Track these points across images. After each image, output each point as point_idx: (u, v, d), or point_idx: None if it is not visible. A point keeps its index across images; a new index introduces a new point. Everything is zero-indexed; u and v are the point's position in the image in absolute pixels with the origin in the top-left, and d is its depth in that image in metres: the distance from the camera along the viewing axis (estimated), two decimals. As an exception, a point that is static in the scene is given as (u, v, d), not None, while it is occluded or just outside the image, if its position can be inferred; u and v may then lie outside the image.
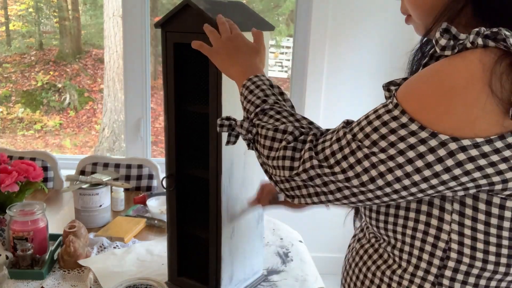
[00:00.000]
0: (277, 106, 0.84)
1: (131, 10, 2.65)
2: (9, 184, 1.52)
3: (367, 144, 0.66)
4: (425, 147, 0.61)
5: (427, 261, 0.72)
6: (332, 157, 0.69)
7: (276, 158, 0.76)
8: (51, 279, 1.37)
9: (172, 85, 1.20)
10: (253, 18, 1.23)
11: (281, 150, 0.76)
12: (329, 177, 0.70)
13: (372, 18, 2.68)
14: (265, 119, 0.82)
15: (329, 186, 0.71)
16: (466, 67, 0.60)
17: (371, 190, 0.68)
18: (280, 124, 0.80)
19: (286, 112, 0.83)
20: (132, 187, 2.14)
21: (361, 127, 0.68)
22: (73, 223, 1.51)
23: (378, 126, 0.65)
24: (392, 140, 0.63)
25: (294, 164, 0.74)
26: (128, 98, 2.79)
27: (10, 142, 4.31)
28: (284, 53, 3.58)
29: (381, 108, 0.67)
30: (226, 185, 1.19)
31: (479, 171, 0.60)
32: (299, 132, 0.77)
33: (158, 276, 1.39)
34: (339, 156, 0.69)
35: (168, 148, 1.25)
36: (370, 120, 0.67)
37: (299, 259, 1.55)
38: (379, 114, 0.66)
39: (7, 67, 4.37)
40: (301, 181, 0.74)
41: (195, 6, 1.09)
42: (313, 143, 0.74)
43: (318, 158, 0.71)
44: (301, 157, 0.73)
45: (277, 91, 0.89)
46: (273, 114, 0.82)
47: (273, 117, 0.82)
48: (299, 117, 0.82)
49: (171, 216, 1.29)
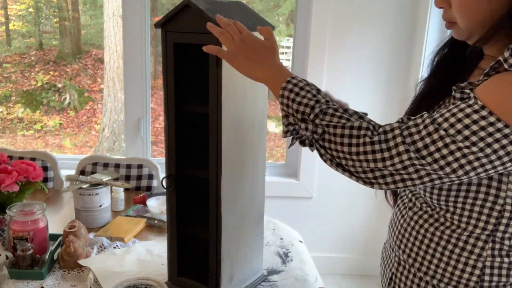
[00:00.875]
0: (331, 105, 0.93)
1: (131, 10, 2.65)
2: (9, 184, 1.52)
3: (460, 139, 0.80)
4: (507, 140, 0.78)
5: (484, 221, 0.89)
6: (426, 149, 0.82)
7: (363, 153, 0.87)
8: (51, 279, 1.37)
9: (172, 85, 1.20)
10: (253, 18, 1.23)
11: (368, 145, 0.87)
12: (425, 166, 0.83)
13: (372, 18, 2.68)
14: (329, 118, 0.91)
15: (420, 172, 0.84)
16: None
17: (458, 175, 0.83)
18: (346, 121, 0.90)
19: (340, 109, 0.92)
20: (132, 187, 2.14)
21: (451, 123, 0.81)
22: (73, 223, 1.51)
23: (469, 123, 0.79)
24: (482, 136, 0.79)
25: (385, 155, 0.85)
26: (128, 98, 2.79)
27: (10, 142, 4.31)
28: (284, 53, 3.58)
29: (467, 108, 0.81)
30: (226, 185, 1.19)
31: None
32: (371, 125, 0.89)
33: (158, 276, 1.39)
34: (433, 149, 0.82)
35: (168, 148, 1.25)
36: (459, 117, 0.81)
37: (299, 259, 1.55)
38: (468, 113, 0.80)
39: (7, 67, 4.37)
40: (393, 170, 0.86)
41: (195, 6, 1.09)
42: (402, 135, 0.85)
43: (412, 149, 0.83)
44: (394, 149, 0.85)
45: (316, 88, 0.96)
46: (333, 112, 0.91)
47: (334, 115, 0.91)
48: (352, 111, 0.94)
49: (171, 216, 1.29)
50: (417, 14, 2.65)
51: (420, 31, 2.61)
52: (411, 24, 2.68)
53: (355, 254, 3.03)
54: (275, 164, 3.05)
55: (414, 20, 2.67)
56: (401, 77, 2.77)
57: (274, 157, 3.88)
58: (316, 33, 2.68)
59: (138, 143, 2.85)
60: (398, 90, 2.78)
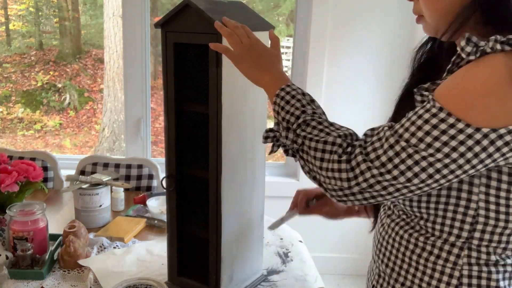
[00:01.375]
0: (316, 117, 0.92)
1: (131, 10, 2.65)
2: (9, 184, 1.52)
3: (422, 147, 0.76)
4: (472, 140, 0.73)
5: (458, 227, 0.84)
6: (390, 162, 0.78)
7: (331, 170, 0.85)
8: (51, 279, 1.37)
9: (172, 85, 1.20)
10: (253, 18, 1.23)
11: (335, 163, 0.84)
12: (390, 181, 0.80)
13: (372, 18, 2.68)
14: (309, 130, 0.90)
15: (389, 189, 0.81)
16: (495, 70, 0.73)
17: (428, 184, 0.78)
18: (325, 135, 0.88)
19: (326, 122, 0.91)
20: (132, 187, 2.14)
21: (411, 132, 0.77)
22: (73, 223, 1.51)
23: (429, 129, 0.75)
24: (445, 140, 0.74)
25: (349, 175, 0.83)
26: (128, 98, 2.79)
27: (10, 142, 4.32)
28: (284, 53, 3.58)
29: (425, 112, 0.77)
30: (226, 185, 1.19)
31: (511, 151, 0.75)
32: (346, 143, 0.86)
33: (158, 276, 1.39)
34: (397, 161, 0.78)
35: (168, 148, 1.25)
36: (419, 125, 0.77)
37: (299, 259, 1.55)
38: (426, 119, 0.76)
39: (7, 67, 4.37)
40: (360, 189, 0.83)
41: (195, 6, 1.09)
42: (363, 153, 0.82)
43: (375, 165, 0.80)
44: (356, 168, 0.82)
45: (309, 99, 0.96)
46: (315, 125, 0.90)
47: (316, 128, 0.90)
48: (337, 126, 0.91)
49: (171, 216, 1.29)
50: (417, 14, 2.65)
51: (420, 31, 2.60)
52: (411, 24, 2.68)
53: (355, 254, 3.03)
54: (275, 164, 3.05)
55: (414, 20, 2.67)
56: (401, 77, 2.76)
57: (274, 157, 3.88)
58: (316, 33, 2.68)
59: (138, 143, 2.85)
60: (398, 89, 2.77)
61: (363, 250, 3.03)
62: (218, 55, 1.10)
